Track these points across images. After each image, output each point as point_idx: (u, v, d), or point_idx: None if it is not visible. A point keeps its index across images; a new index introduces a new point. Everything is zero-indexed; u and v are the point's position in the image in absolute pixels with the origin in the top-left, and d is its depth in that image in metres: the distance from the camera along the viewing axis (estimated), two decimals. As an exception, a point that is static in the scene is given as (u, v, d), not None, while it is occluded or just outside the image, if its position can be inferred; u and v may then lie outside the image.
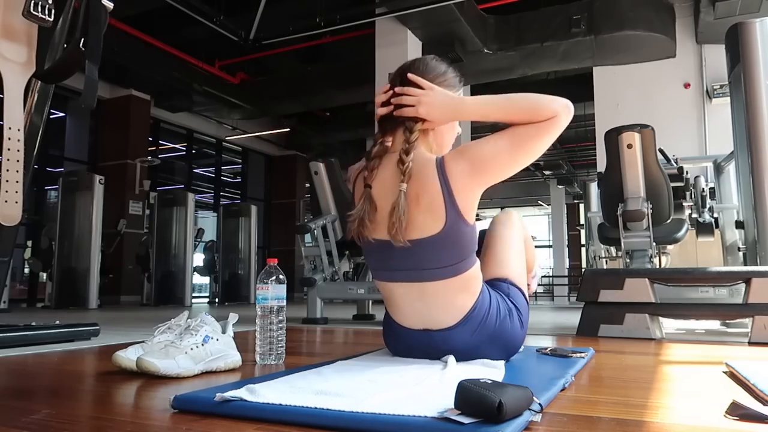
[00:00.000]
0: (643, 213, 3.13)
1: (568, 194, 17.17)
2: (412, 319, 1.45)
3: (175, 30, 8.02)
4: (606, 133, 3.30)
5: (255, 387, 1.04)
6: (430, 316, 1.42)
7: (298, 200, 12.15)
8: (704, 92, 6.68)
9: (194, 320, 1.52)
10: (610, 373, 1.55)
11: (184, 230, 8.37)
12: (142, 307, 7.51)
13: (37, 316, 4.98)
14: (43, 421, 0.97)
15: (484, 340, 1.42)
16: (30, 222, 8.06)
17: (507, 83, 8.90)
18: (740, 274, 2.47)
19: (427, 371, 1.28)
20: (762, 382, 1.13)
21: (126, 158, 9.09)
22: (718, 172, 3.94)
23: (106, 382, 1.38)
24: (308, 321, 3.92)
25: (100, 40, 1.98)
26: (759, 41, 2.98)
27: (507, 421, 0.82)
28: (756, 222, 2.91)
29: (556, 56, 6.95)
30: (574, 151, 13.18)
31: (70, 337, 2.43)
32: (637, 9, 6.46)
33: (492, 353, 1.45)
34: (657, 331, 2.50)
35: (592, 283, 2.65)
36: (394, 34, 6.57)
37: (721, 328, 3.06)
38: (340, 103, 9.46)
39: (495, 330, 1.42)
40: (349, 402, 0.95)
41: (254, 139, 11.87)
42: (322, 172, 4.36)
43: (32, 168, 2.32)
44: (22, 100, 2.05)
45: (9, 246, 2.35)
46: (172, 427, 0.92)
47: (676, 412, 1.02)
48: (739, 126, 3.12)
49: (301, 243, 4.30)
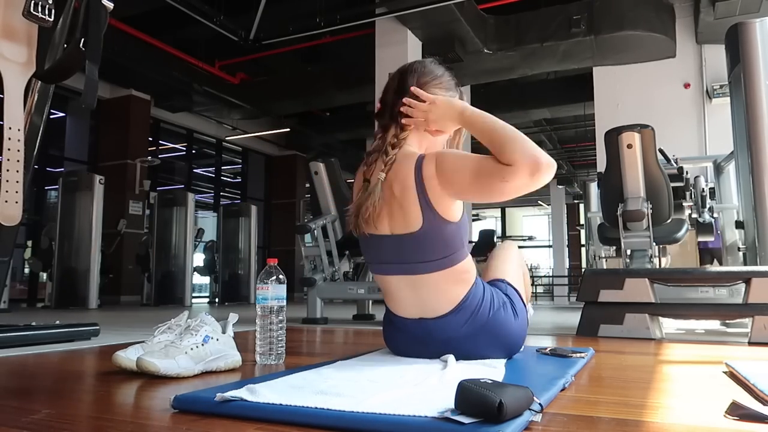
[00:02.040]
0: (643, 213, 3.13)
1: (568, 194, 17.16)
2: (408, 309, 1.49)
3: (175, 30, 8.02)
4: (606, 133, 3.30)
5: (255, 387, 1.04)
6: (424, 305, 1.46)
7: (298, 200, 12.15)
8: (704, 92, 6.68)
9: (194, 320, 1.52)
10: (610, 373, 1.55)
11: (184, 230, 8.37)
12: (142, 307, 7.50)
13: (37, 316, 4.98)
14: (43, 421, 0.97)
15: (478, 330, 1.44)
16: (30, 222, 8.07)
17: (507, 83, 8.91)
18: (740, 274, 2.47)
19: (427, 371, 1.28)
20: (762, 382, 1.13)
21: (126, 158, 9.09)
22: (718, 172, 3.94)
23: (106, 382, 1.38)
24: (308, 321, 3.92)
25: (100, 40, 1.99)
26: (759, 41, 2.98)
27: (507, 421, 0.82)
28: (756, 222, 2.91)
29: (556, 56, 6.95)
30: (574, 151, 13.19)
31: (70, 337, 2.43)
32: (637, 9, 6.46)
33: (490, 348, 1.47)
34: (657, 331, 2.50)
35: (592, 283, 2.65)
36: (394, 34, 6.57)
37: (721, 328, 3.06)
38: (340, 103, 9.46)
39: (489, 320, 1.45)
40: (349, 402, 0.95)
41: (254, 139, 11.86)
42: (322, 172, 4.36)
43: (32, 168, 2.31)
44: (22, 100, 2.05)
45: (9, 246, 2.35)
46: (172, 427, 0.92)
47: (676, 412, 1.02)
48: (739, 126, 3.12)
49: (301, 243, 4.30)
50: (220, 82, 9.11)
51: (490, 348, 1.47)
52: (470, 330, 1.44)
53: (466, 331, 1.44)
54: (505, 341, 1.49)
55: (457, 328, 1.44)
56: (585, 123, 9.74)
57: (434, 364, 1.40)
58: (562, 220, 16.46)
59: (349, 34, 7.38)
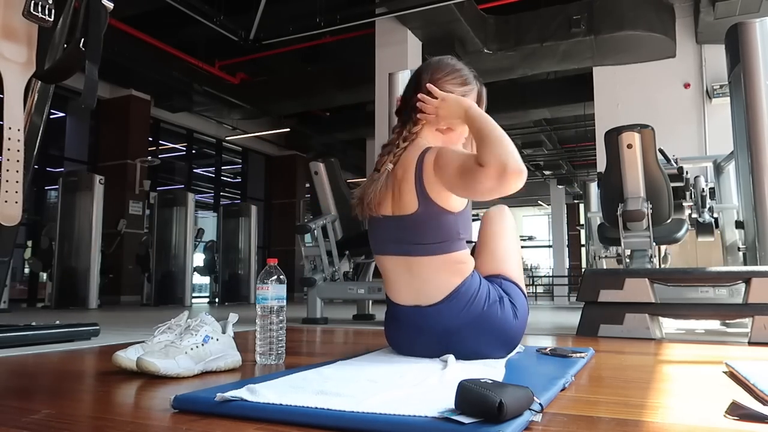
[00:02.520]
0: (643, 213, 3.13)
1: (568, 194, 17.16)
2: (404, 295, 1.54)
3: (175, 30, 8.02)
4: (606, 133, 3.30)
5: (255, 387, 1.04)
6: (419, 291, 1.50)
7: (298, 200, 12.15)
8: (704, 92, 6.68)
9: (194, 320, 1.52)
10: (610, 373, 1.55)
11: (184, 230, 8.37)
12: (142, 307, 7.50)
13: (37, 316, 4.98)
14: (43, 421, 0.97)
15: (472, 322, 1.46)
16: (30, 222, 8.06)
17: (507, 83, 8.91)
18: (740, 274, 2.47)
19: (427, 371, 1.29)
20: (762, 382, 1.13)
21: (126, 158, 9.09)
22: (718, 172, 3.94)
23: (106, 382, 1.38)
24: (308, 321, 3.92)
25: (100, 40, 1.99)
26: (759, 41, 2.98)
27: (507, 421, 0.82)
28: (756, 222, 2.91)
29: (556, 56, 6.95)
30: (574, 151, 13.19)
31: (70, 337, 2.43)
32: (637, 9, 6.46)
33: (487, 343, 1.48)
34: (657, 331, 2.50)
35: (592, 283, 2.65)
36: (394, 34, 6.57)
37: (721, 328, 3.06)
38: (340, 103, 9.46)
39: (482, 313, 1.47)
40: (349, 402, 0.95)
41: (254, 139, 11.86)
42: (322, 172, 4.36)
43: (32, 168, 2.32)
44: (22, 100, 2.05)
45: (9, 246, 2.35)
46: (172, 427, 0.92)
47: (676, 412, 1.02)
48: (739, 126, 3.12)
49: (301, 243, 4.30)
50: (220, 82, 9.11)
51: (487, 343, 1.48)
52: (464, 321, 1.46)
53: (461, 323, 1.46)
54: (501, 336, 1.50)
55: (451, 318, 1.47)
56: (585, 123, 9.73)
57: (434, 363, 1.40)
58: (562, 220, 16.47)
59: (349, 34, 7.38)
